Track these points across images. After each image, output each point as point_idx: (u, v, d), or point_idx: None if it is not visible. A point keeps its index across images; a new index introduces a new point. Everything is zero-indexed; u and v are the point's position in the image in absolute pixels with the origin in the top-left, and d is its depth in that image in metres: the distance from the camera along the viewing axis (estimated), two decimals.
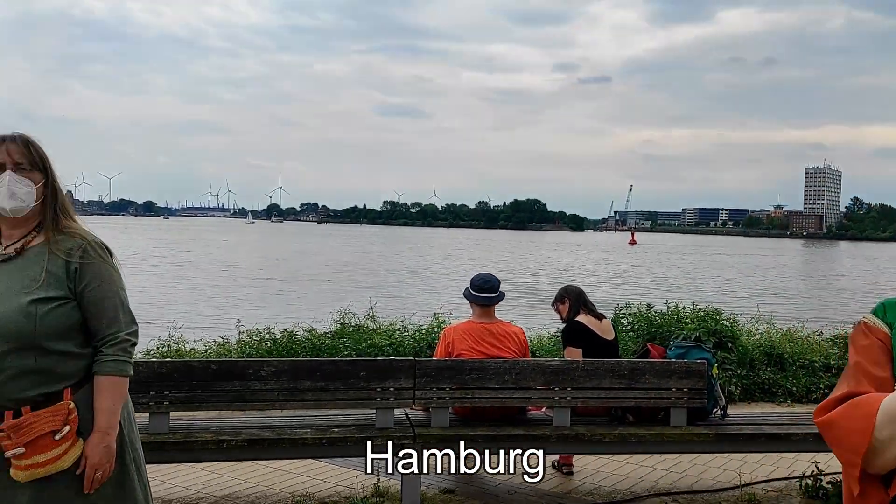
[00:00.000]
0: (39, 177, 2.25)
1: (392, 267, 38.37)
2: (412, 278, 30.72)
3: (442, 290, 23.65)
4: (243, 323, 7.51)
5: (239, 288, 23.44)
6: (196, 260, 39.32)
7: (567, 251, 70.77)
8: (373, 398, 4.09)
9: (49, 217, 2.27)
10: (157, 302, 18.37)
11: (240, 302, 19.20)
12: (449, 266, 40.23)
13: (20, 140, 2.24)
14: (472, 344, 4.28)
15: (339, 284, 25.43)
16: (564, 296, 4.79)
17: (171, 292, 21.52)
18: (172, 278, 26.97)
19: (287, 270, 33.04)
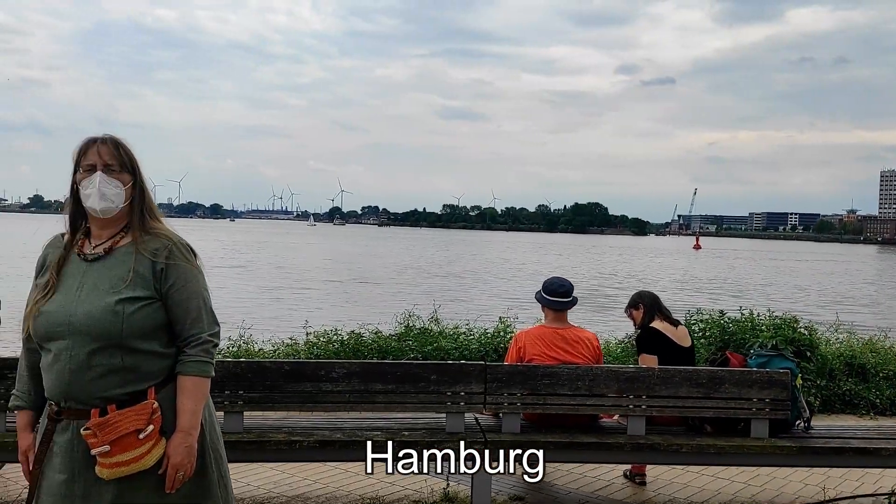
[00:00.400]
0: (128, 178, 2.28)
1: (453, 270, 38.25)
2: (474, 282, 30.56)
3: (504, 294, 23.50)
4: (310, 324, 7.58)
5: (304, 289, 23.79)
6: (262, 261, 40.11)
7: (630, 255, 69.51)
8: (443, 402, 4.05)
9: (136, 218, 2.30)
10: (225, 302, 18.78)
11: (305, 302, 19.48)
12: (511, 270, 39.91)
13: (110, 141, 2.28)
14: (544, 349, 4.20)
15: (401, 287, 25.53)
16: (639, 301, 4.67)
17: (239, 292, 21.96)
18: (240, 279, 27.53)
19: (351, 272, 33.37)
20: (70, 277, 2.23)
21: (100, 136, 2.29)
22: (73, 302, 2.18)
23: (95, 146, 2.27)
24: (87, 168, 2.25)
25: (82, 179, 2.25)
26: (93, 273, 2.23)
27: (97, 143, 2.27)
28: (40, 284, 2.25)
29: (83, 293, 2.19)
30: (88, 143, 2.28)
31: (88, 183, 2.24)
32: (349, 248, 65.69)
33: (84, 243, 2.30)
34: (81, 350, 2.14)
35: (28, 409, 2.33)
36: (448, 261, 47.45)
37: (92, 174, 2.24)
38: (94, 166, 2.25)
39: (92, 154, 2.26)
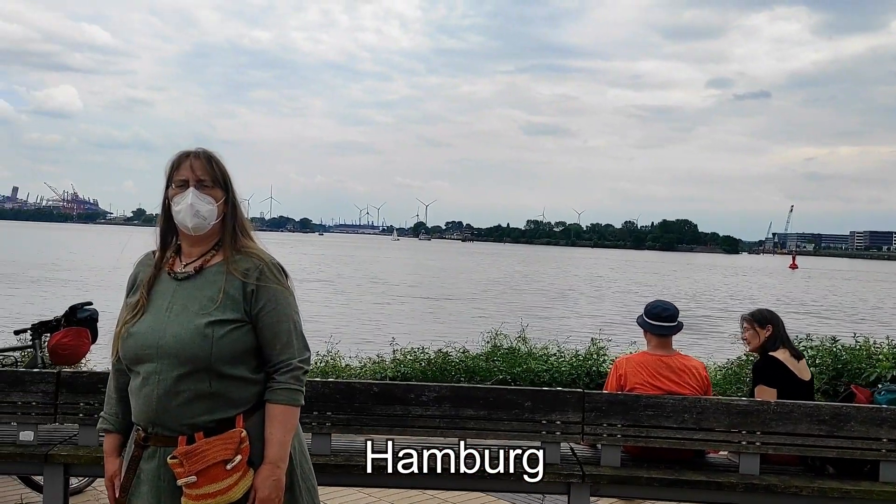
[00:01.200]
0: (221, 194, 2.19)
1: (539, 287, 37.52)
2: (561, 300, 29.89)
3: (593, 313, 22.91)
4: (397, 341, 7.48)
5: (388, 304, 23.91)
6: (349, 275, 40.66)
7: (724, 274, 66.94)
8: (538, 431, 3.83)
9: (228, 235, 2.21)
10: (312, 315, 19.04)
11: (390, 317, 19.54)
12: (599, 288, 38.87)
13: (203, 155, 2.20)
14: (648, 378, 3.92)
15: (486, 303, 25.23)
16: (769, 321, 4.21)
17: (327, 306, 22.28)
18: (327, 293, 27.96)
19: (436, 288, 33.33)
20: (160, 297, 2.15)
21: (193, 150, 2.21)
22: (163, 323, 2.09)
23: (188, 161, 2.18)
24: (179, 183, 2.18)
25: (174, 195, 2.18)
26: (182, 293, 2.14)
27: (190, 157, 2.19)
28: (130, 304, 2.18)
29: (172, 314, 2.11)
30: (181, 157, 2.20)
31: (180, 199, 2.16)
32: (434, 262, 66.01)
33: (175, 261, 2.22)
34: (169, 374, 2.05)
35: (115, 433, 2.26)
36: (534, 277, 46.74)
37: (184, 190, 2.16)
38: (186, 182, 2.17)
39: (185, 169, 2.18)
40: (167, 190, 2.21)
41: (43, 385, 3.86)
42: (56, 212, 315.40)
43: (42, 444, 3.85)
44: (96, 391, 3.85)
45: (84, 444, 3.85)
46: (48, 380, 3.87)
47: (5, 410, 3.85)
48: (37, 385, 3.86)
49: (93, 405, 3.85)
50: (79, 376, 3.92)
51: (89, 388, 3.86)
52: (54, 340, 4.66)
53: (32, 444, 3.82)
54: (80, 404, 3.86)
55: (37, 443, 3.84)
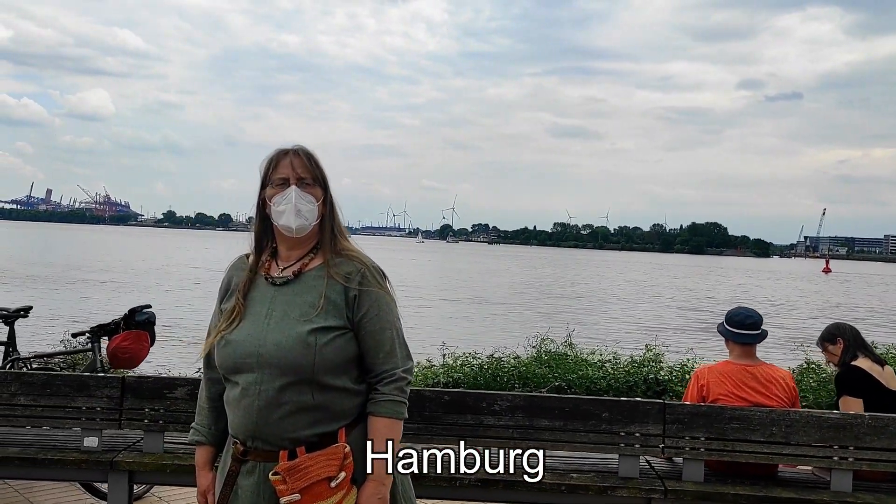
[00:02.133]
0: (320, 193, 2.08)
1: (575, 291, 36.69)
2: (597, 304, 29.27)
3: (633, 318, 22.47)
4: (440, 346, 7.33)
5: (422, 307, 23.71)
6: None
7: (759, 278, 65.77)
8: (616, 443, 3.67)
9: (327, 237, 2.09)
10: None
11: (425, 321, 19.38)
12: (635, 292, 38.10)
13: (303, 152, 2.08)
14: (732, 388, 3.74)
15: (521, 307, 24.81)
16: (836, 335, 4.11)
17: None
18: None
19: (468, 291, 33.01)
20: (257, 303, 2.04)
21: (291, 147, 2.09)
22: (262, 331, 1.98)
23: (288, 158, 2.07)
24: (279, 182, 2.06)
25: (273, 195, 2.06)
26: (282, 299, 2.02)
27: (289, 154, 2.07)
28: (226, 310, 2.07)
29: (272, 321, 1.99)
30: (280, 154, 2.09)
31: (281, 199, 2.04)
32: (464, 265, 65.75)
33: (271, 265, 2.11)
34: (271, 385, 1.93)
35: (208, 445, 2.15)
36: (567, 281, 46.00)
37: (285, 189, 2.04)
38: (286, 180, 2.05)
39: (284, 166, 2.06)
40: (263, 190, 2.09)
41: (108, 390, 3.79)
42: (89, 213, 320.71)
43: (106, 450, 3.78)
44: (161, 396, 3.78)
45: (149, 450, 3.77)
46: (113, 384, 3.80)
47: (70, 416, 3.79)
48: (101, 390, 3.79)
49: (158, 411, 3.77)
50: (144, 381, 3.84)
51: (154, 394, 3.78)
52: (114, 344, 4.61)
53: (97, 451, 3.75)
54: (144, 409, 3.78)
55: (101, 449, 3.77)
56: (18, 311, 5.09)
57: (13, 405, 3.77)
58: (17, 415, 3.78)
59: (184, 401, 3.76)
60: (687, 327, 20.34)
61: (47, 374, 3.89)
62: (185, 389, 3.78)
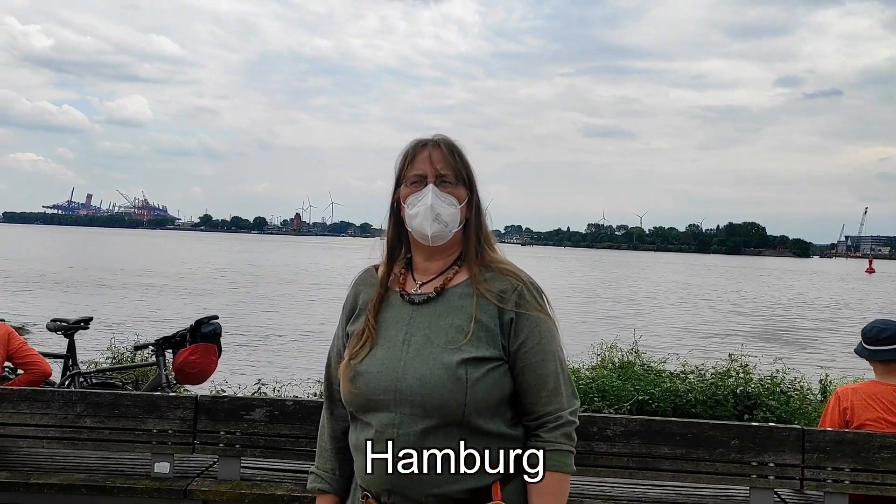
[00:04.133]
0: (464, 193, 1.70)
1: (622, 294, 35.29)
2: (648, 308, 28.21)
3: (690, 324, 21.67)
4: None
5: None
6: None
7: (807, 279, 63.85)
8: (746, 474, 3.25)
9: (472, 246, 1.72)
10: None
11: None
12: (685, 294, 36.08)
13: (444, 145, 1.71)
14: (883, 413, 3.28)
15: (571, 311, 24.03)
16: None
17: None
18: None
19: None
20: (392, 326, 1.68)
21: (430, 138, 1.73)
22: (401, 361, 1.61)
23: (426, 151, 1.70)
24: (414, 179, 1.69)
25: (408, 195, 1.70)
26: (422, 321, 1.66)
27: (428, 147, 1.71)
28: (355, 334, 1.71)
29: (412, 349, 1.62)
30: (416, 147, 1.72)
31: (417, 199, 1.68)
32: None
33: (406, 280, 1.74)
34: (412, 428, 1.57)
35: (333, 495, 1.79)
36: (611, 283, 45.00)
37: (422, 188, 1.68)
38: (423, 177, 1.69)
39: (421, 161, 1.70)
40: (397, 189, 1.73)
41: (180, 411, 3.48)
42: (128, 218, 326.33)
43: (179, 476, 3.47)
44: (238, 418, 3.46)
45: (224, 477, 3.45)
46: (186, 405, 3.49)
47: (140, 439, 3.48)
48: (174, 411, 3.48)
49: (234, 434, 3.45)
50: (219, 401, 3.52)
51: (230, 415, 3.46)
52: (181, 358, 4.31)
53: (169, 477, 3.44)
54: (220, 433, 3.46)
55: (173, 475, 3.46)
56: (78, 323, 4.82)
57: (79, 427, 3.48)
58: (83, 438, 3.49)
59: (262, 423, 3.44)
60: (749, 333, 19.59)
61: (115, 394, 3.60)
62: (264, 410, 3.45)
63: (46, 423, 3.47)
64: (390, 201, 1.76)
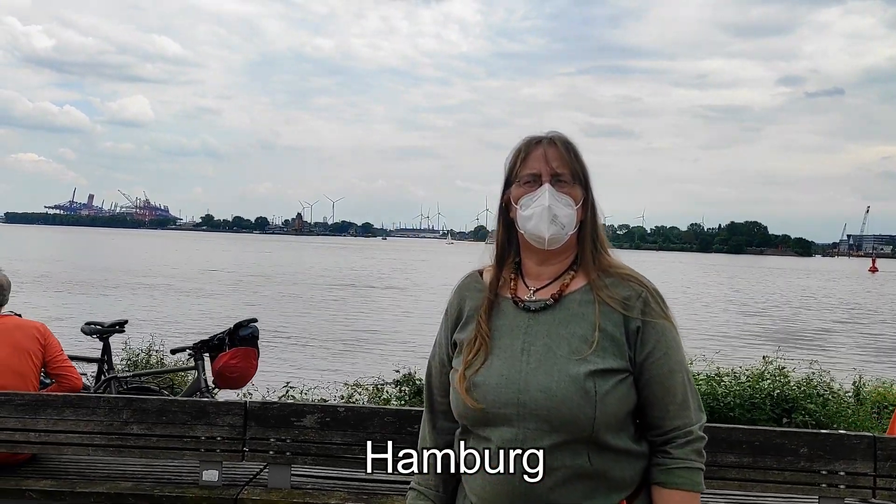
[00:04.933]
0: (580, 193, 1.60)
1: None
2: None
3: (702, 323, 21.44)
4: None
5: None
6: (424, 282, 40.00)
7: (812, 279, 63.55)
8: (815, 483, 3.15)
9: (588, 250, 1.62)
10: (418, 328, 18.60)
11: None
12: (695, 295, 35.46)
13: (560, 142, 1.61)
14: None
15: None
16: None
17: (411, 317, 21.83)
18: (409, 301, 27.46)
19: None
20: (507, 335, 1.58)
21: (545, 135, 1.63)
22: (521, 372, 1.52)
23: (541, 148, 1.60)
24: (527, 179, 1.60)
25: (521, 195, 1.60)
26: (540, 330, 1.56)
27: (542, 144, 1.61)
28: (465, 343, 1.61)
29: (532, 359, 1.53)
30: (530, 144, 1.62)
31: (531, 200, 1.58)
32: None
33: (518, 285, 1.64)
34: (537, 444, 1.47)
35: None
36: None
37: (536, 188, 1.58)
38: (538, 176, 1.59)
39: (536, 159, 1.60)
40: (508, 189, 1.63)
41: (229, 417, 3.39)
42: (129, 218, 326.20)
43: (228, 484, 3.37)
44: (288, 424, 3.37)
45: (275, 485, 3.36)
46: (235, 411, 3.40)
47: (188, 446, 3.39)
48: (222, 417, 3.39)
49: (284, 441, 3.36)
50: (269, 407, 3.43)
51: (280, 421, 3.37)
52: (221, 362, 4.21)
53: (218, 485, 3.35)
54: (270, 440, 3.37)
55: (222, 483, 3.36)
56: (113, 326, 4.72)
57: (125, 434, 3.39)
58: (130, 445, 3.39)
59: (314, 430, 3.35)
60: (762, 334, 19.43)
61: (162, 400, 3.51)
62: (315, 417, 3.36)
63: (92, 430, 3.38)
64: (499, 202, 1.66)
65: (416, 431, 3.28)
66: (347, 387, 6.63)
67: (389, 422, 3.32)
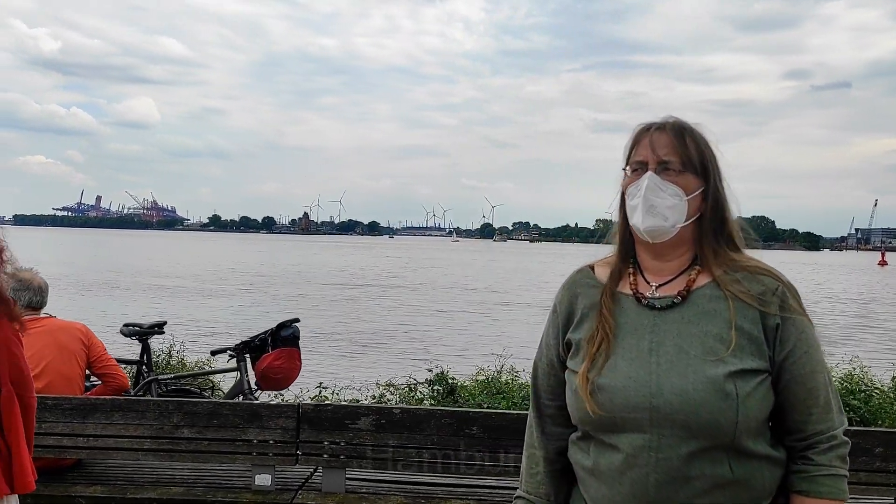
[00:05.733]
0: (694, 182, 1.50)
1: None
2: None
3: None
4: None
5: (497, 312, 22.90)
6: (433, 281, 39.86)
7: (824, 273, 63.10)
8: (891, 483, 3.04)
9: (709, 243, 1.52)
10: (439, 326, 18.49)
11: (504, 327, 18.70)
12: None
13: (671, 128, 1.51)
14: None
15: None
16: None
17: (429, 315, 21.73)
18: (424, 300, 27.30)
19: (538, 292, 31.62)
20: (631, 333, 1.48)
21: (657, 122, 1.53)
22: (652, 374, 1.42)
23: (648, 136, 1.51)
24: (635, 167, 1.52)
25: (629, 184, 1.52)
26: (669, 329, 1.46)
27: (651, 130, 1.52)
28: (583, 342, 1.51)
29: (663, 360, 1.43)
30: (641, 131, 1.54)
31: (635, 189, 1.49)
32: (521, 264, 64.74)
33: (637, 281, 1.54)
34: (674, 451, 1.38)
35: None
36: None
37: (640, 176, 1.48)
38: (644, 164, 1.50)
39: (644, 146, 1.51)
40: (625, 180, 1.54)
41: (282, 420, 3.30)
42: (137, 219, 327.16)
43: (281, 489, 3.29)
44: (343, 427, 3.28)
45: (329, 490, 3.27)
46: (288, 413, 3.31)
47: (240, 450, 3.30)
48: (275, 420, 3.30)
49: (339, 444, 3.27)
50: (322, 409, 3.34)
51: (335, 424, 3.28)
52: (265, 363, 4.13)
53: (271, 490, 3.26)
54: (323, 443, 3.28)
55: (275, 488, 3.27)
56: (153, 328, 4.64)
57: (176, 438, 3.30)
58: (181, 449, 3.31)
59: (368, 433, 3.25)
60: None
61: (213, 403, 3.42)
62: (370, 419, 3.27)
63: (142, 435, 3.29)
64: (619, 194, 1.57)
65: (475, 434, 3.22)
66: (379, 387, 6.52)
67: (447, 423, 3.23)
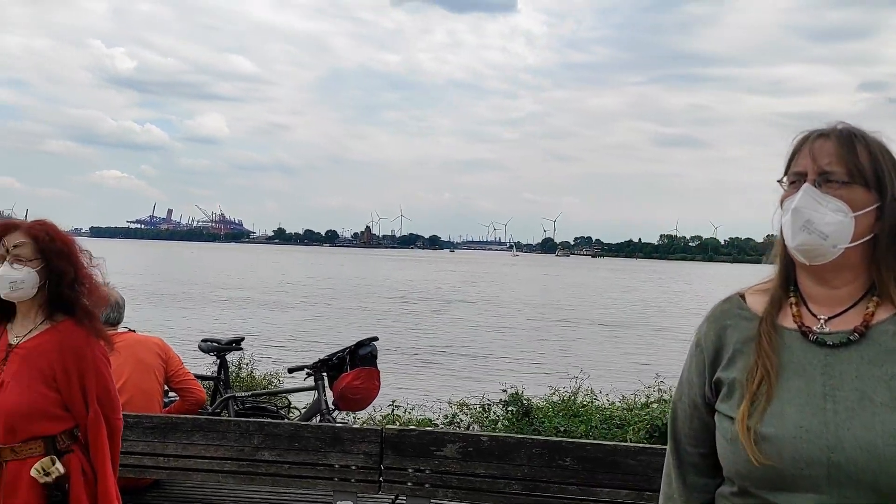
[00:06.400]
0: (863, 198, 1.29)
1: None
2: None
3: None
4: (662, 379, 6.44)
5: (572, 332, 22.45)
6: (496, 296, 39.60)
7: None
8: None
9: (887, 268, 1.30)
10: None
11: (575, 346, 18.33)
12: None
13: (836, 135, 1.31)
14: None
15: (680, 331, 22.98)
16: None
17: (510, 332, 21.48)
18: (495, 316, 27.02)
19: (614, 312, 30.79)
20: (797, 375, 1.27)
21: (824, 128, 1.32)
22: (828, 424, 1.21)
23: (809, 144, 1.31)
24: (793, 179, 1.32)
25: (785, 198, 1.32)
26: (846, 370, 1.25)
27: (811, 138, 1.31)
28: (737, 383, 1.31)
29: (841, 407, 1.22)
30: (803, 138, 1.33)
31: (789, 203, 1.29)
32: (587, 281, 63.79)
33: (801, 313, 1.33)
34: None
35: None
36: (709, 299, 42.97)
37: (798, 189, 1.28)
38: (803, 175, 1.29)
39: (804, 156, 1.31)
40: None
41: (365, 444, 3.16)
42: (206, 231, 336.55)
43: None
44: (428, 454, 3.11)
45: None
46: (371, 438, 3.16)
47: (321, 475, 3.18)
48: (357, 444, 3.16)
49: (423, 471, 3.11)
50: (406, 435, 3.19)
51: (419, 450, 3.12)
52: (344, 383, 4.01)
53: None
54: (408, 470, 3.13)
55: None
56: (231, 344, 4.59)
57: (256, 461, 3.20)
58: (261, 472, 3.20)
59: (455, 460, 3.09)
60: None
61: (294, 425, 3.32)
62: (456, 446, 3.10)
63: (222, 456, 3.20)
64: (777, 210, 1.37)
65: (568, 465, 3.01)
66: (452, 406, 6.38)
67: (538, 453, 3.03)
